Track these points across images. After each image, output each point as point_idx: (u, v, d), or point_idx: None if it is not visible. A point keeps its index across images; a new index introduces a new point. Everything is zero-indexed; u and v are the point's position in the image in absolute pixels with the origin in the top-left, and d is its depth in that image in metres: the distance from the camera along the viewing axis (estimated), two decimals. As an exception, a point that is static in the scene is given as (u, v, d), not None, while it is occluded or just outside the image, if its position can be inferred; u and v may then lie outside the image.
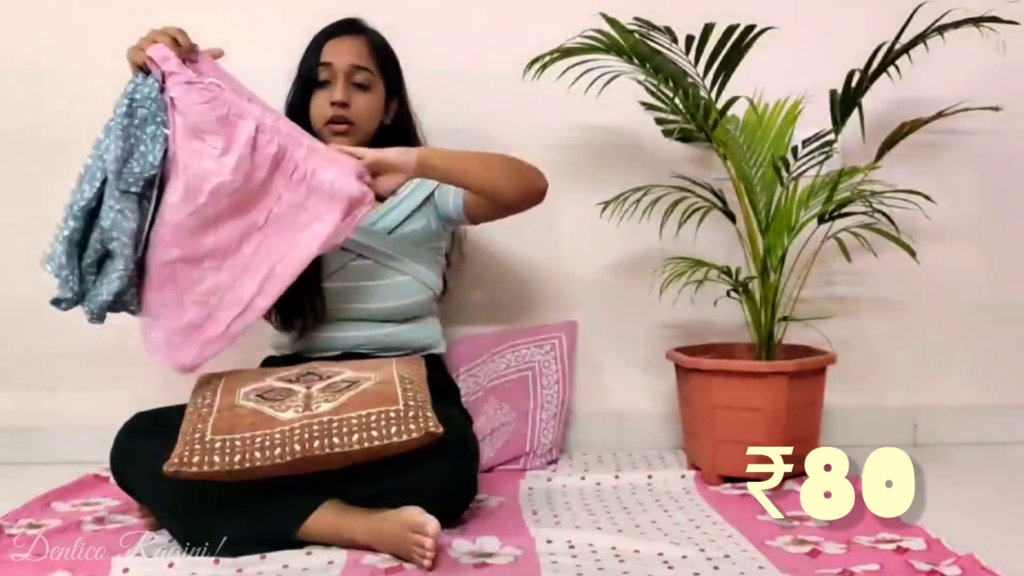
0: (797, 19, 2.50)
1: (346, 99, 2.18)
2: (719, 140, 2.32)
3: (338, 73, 2.19)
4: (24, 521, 2.06)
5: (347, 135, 2.19)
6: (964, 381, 2.69)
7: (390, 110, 2.28)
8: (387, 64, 2.26)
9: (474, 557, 1.78)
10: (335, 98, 2.18)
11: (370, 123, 2.23)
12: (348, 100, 2.19)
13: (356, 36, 2.24)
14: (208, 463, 1.75)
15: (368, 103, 2.22)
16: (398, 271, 2.20)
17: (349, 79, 2.20)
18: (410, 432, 1.78)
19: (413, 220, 2.23)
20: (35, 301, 2.48)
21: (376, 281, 2.18)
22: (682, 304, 2.48)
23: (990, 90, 2.46)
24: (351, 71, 2.20)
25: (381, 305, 2.18)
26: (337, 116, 2.19)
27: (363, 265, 2.19)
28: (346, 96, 2.19)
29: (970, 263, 2.68)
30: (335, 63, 2.20)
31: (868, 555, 1.75)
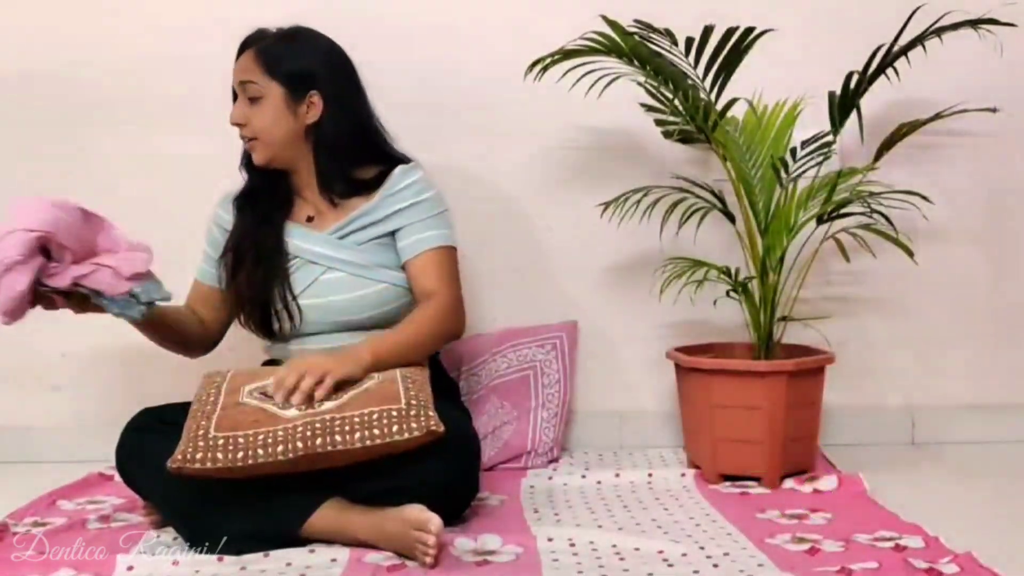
0: (796, 21, 2.51)
1: (240, 119, 2.15)
2: (719, 141, 2.32)
3: (238, 93, 2.17)
4: (29, 519, 2.07)
5: (255, 151, 2.16)
6: (961, 380, 2.69)
7: (310, 108, 2.14)
8: (281, 68, 2.13)
9: (476, 555, 1.78)
10: (230, 120, 2.16)
11: (272, 133, 2.14)
12: (242, 119, 2.14)
13: (246, 51, 2.16)
14: (211, 460, 1.75)
15: (262, 115, 2.13)
16: (373, 280, 2.14)
17: (245, 96, 2.14)
18: (412, 430, 1.78)
19: (376, 228, 2.16)
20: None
21: (352, 293, 2.12)
22: (682, 304, 2.49)
23: (988, 91, 2.47)
24: (242, 89, 2.15)
25: (362, 316, 2.13)
26: (240, 136, 2.17)
27: (335, 278, 2.14)
28: (240, 116, 2.15)
29: (968, 263, 2.68)
30: (233, 84, 2.17)
31: (867, 553, 1.75)
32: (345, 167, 2.17)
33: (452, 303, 2.13)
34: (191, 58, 2.58)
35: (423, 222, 2.15)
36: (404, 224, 2.15)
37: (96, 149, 2.64)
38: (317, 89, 2.14)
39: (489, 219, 2.65)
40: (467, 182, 2.62)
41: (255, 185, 2.24)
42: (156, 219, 2.38)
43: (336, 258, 2.14)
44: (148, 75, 2.62)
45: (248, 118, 2.14)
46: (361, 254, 2.14)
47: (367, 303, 2.12)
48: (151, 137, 2.62)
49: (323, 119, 2.15)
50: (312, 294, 2.13)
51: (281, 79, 2.12)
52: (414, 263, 2.14)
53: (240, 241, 2.19)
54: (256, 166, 2.18)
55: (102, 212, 1.94)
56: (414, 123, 2.53)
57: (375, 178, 2.18)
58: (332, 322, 2.13)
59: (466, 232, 2.55)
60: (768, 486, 2.23)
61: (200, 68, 2.53)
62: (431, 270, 2.13)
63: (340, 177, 2.16)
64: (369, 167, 2.19)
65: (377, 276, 2.14)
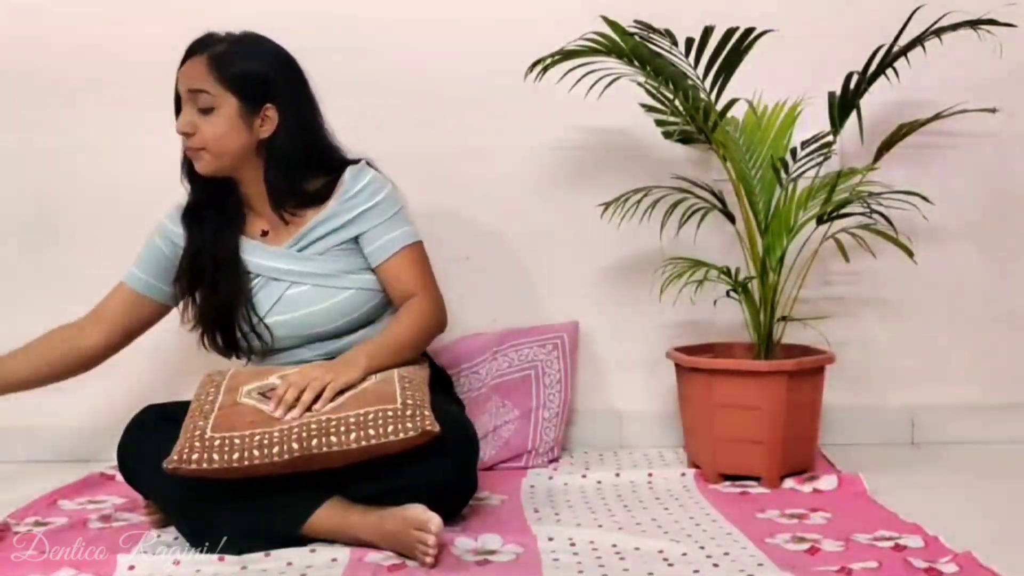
0: (796, 21, 2.50)
1: (187, 128, 2.04)
2: (719, 142, 2.31)
3: (184, 100, 2.06)
4: (30, 519, 2.07)
5: (200, 161, 2.06)
6: (961, 380, 2.68)
7: (264, 121, 2.06)
8: (237, 77, 2.03)
9: (476, 555, 1.78)
10: (176, 128, 2.06)
11: (224, 145, 2.04)
12: (190, 128, 2.04)
13: (197, 56, 2.05)
14: (207, 460, 1.75)
15: (213, 126, 2.03)
16: (339, 288, 2.09)
17: (193, 105, 2.04)
18: (407, 431, 1.78)
19: (337, 235, 2.11)
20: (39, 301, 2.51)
21: (320, 305, 2.08)
22: (682, 304, 2.49)
23: (987, 92, 2.46)
24: (190, 97, 2.04)
25: (333, 326, 2.09)
26: (185, 146, 2.07)
27: (301, 292, 2.09)
28: (187, 124, 2.04)
29: (967, 263, 2.67)
30: (180, 91, 2.07)
31: (866, 552, 1.75)
32: (296, 182, 2.10)
33: (434, 299, 2.11)
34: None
35: (386, 223, 2.10)
36: (366, 228, 2.10)
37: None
38: (273, 102, 2.06)
39: (490, 219, 2.64)
40: (467, 182, 2.62)
41: (201, 198, 2.15)
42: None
43: (299, 271, 2.09)
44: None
45: (198, 128, 2.04)
46: (324, 263, 2.10)
47: (336, 312, 2.09)
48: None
49: (277, 134, 2.07)
50: (279, 311, 2.09)
51: (236, 90, 2.03)
52: (387, 267, 2.10)
53: (194, 261, 2.12)
54: (200, 177, 2.10)
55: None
56: (413, 122, 2.58)
57: (326, 186, 2.11)
58: (303, 336, 2.10)
59: (467, 232, 2.61)
60: (768, 486, 2.23)
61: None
62: (406, 270, 2.10)
63: (291, 192, 2.09)
64: (318, 177, 2.13)
65: (343, 283, 2.09)
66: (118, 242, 2.28)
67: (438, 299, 2.13)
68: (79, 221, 2.64)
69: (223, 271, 2.10)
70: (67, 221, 2.64)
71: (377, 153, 2.20)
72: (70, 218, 2.64)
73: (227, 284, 2.09)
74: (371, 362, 1.95)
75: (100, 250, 2.36)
